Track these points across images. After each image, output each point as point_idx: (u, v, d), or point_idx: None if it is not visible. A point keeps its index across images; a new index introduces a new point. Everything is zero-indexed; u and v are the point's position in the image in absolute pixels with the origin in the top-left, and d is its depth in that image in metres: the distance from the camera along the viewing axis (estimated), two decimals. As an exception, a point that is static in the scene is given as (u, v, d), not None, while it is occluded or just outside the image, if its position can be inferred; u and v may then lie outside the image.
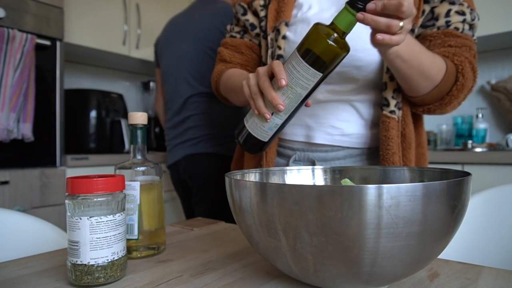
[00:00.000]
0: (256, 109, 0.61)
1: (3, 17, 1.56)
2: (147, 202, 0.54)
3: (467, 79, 0.72)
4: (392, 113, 0.75)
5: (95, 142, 2.10)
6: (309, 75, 0.55)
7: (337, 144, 0.80)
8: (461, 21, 0.74)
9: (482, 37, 1.89)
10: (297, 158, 0.84)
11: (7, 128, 1.53)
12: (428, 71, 0.68)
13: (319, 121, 0.80)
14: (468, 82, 0.73)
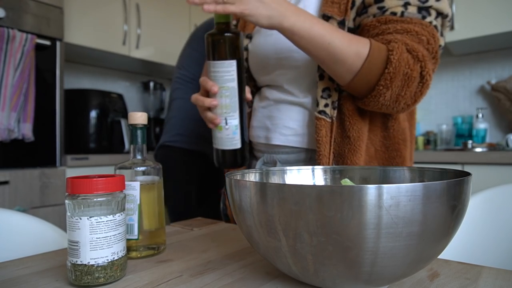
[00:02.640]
0: (209, 122, 0.69)
1: (3, 17, 1.56)
2: (147, 202, 0.54)
3: (398, 67, 0.63)
4: (321, 113, 0.72)
5: (95, 142, 2.10)
6: (227, 67, 0.63)
7: (291, 145, 0.80)
8: (400, 4, 0.66)
9: (482, 37, 1.89)
10: (265, 160, 0.86)
11: (8, 128, 1.53)
12: (340, 54, 0.63)
13: (275, 122, 0.82)
14: (400, 70, 0.63)
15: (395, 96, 0.65)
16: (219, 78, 0.63)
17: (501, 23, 1.81)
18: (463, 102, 2.29)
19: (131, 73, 2.81)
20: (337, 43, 0.63)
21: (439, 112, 2.37)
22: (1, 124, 1.51)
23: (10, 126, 1.54)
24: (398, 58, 0.63)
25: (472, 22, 1.88)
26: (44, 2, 1.71)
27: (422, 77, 0.65)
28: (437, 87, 2.37)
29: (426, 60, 0.64)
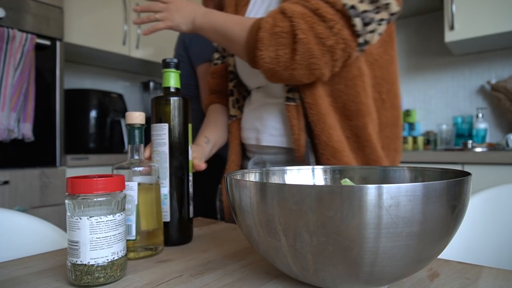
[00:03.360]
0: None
1: (3, 17, 1.56)
2: (144, 203, 0.54)
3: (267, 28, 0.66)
4: (288, 100, 0.76)
5: (95, 142, 2.10)
6: (158, 131, 0.61)
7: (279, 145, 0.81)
8: None
9: (482, 37, 1.89)
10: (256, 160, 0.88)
11: (8, 128, 1.53)
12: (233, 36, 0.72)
13: (264, 123, 0.83)
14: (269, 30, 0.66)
15: (276, 58, 0.66)
16: (153, 142, 0.61)
17: (501, 23, 1.81)
18: (463, 102, 2.29)
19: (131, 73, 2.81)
20: (231, 29, 0.72)
21: (439, 112, 2.37)
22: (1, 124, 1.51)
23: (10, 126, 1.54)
24: (267, 20, 0.67)
25: (472, 22, 1.88)
26: (44, 2, 1.71)
27: (293, 35, 0.65)
28: (437, 87, 2.37)
29: (295, 16, 0.64)
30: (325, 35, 0.64)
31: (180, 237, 0.60)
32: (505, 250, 0.77)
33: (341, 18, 0.65)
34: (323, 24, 0.64)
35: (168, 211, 0.60)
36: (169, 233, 0.60)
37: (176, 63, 0.63)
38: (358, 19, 0.65)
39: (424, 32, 2.42)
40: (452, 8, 1.90)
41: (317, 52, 0.65)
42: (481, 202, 0.82)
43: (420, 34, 2.44)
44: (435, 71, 2.37)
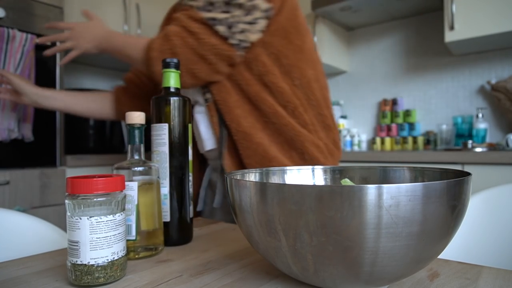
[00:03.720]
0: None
1: (3, 17, 1.56)
2: (144, 203, 0.54)
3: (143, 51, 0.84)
4: (206, 101, 0.89)
5: (95, 142, 2.10)
6: (158, 131, 0.61)
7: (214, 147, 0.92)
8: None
9: (482, 37, 1.89)
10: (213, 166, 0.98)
11: (8, 128, 1.53)
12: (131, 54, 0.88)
13: (198, 131, 0.94)
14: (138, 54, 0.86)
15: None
16: (153, 142, 0.61)
17: (501, 23, 1.81)
18: (463, 102, 2.29)
19: (131, 73, 2.81)
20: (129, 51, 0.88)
21: (439, 112, 2.37)
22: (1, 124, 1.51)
23: (10, 126, 1.54)
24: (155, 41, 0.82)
25: (472, 22, 1.88)
26: (44, 2, 1.71)
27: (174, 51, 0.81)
28: (437, 87, 2.37)
29: (172, 35, 0.80)
30: (195, 45, 0.79)
31: (180, 237, 0.60)
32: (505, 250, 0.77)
33: (206, 29, 0.79)
34: (192, 37, 0.80)
35: (168, 211, 0.60)
36: (169, 233, 0.60)
37: (176, 63, 0.63)
38: (220, 26, 0.79)
39: (424, 32, 2.42)
40: (452, 8, 1.90)
41: (193, 60, 0.80)
42: (481, 202, 0.82)
43: (420, 34, 2.44)
44: (435, 71, 2.37)
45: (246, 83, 0.86)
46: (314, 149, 0.86)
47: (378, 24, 2.60)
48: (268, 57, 0.86)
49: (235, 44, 0.81)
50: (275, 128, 0.85)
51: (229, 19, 0.79)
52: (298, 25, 0.89)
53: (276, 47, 0.86)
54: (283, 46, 0.86)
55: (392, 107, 2.50)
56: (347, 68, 2.72)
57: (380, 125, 2.50)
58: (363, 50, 2.67)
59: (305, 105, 0.88)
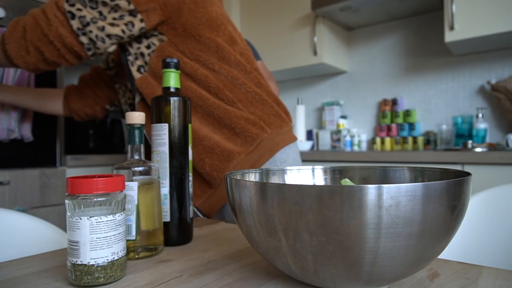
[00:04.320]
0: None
1: (3, 17, 1.56)
2: (144, 203, 0.54)
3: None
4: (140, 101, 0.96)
5: (95, 142, 2.10)
6: (159, 131, 0.61)
7: None
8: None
9: (482, 37, 1.89)
10: None
11: (8, 128, 1.53)
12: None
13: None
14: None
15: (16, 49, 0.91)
16: (153, 142, 0.62)
17: (501, 23, 1.81)
18: (463, 102, 2.29)
19: (131, 73, 2.81)
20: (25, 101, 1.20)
21: (439, 112, 2.37)
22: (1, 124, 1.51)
23: (10, 126, 1.54)
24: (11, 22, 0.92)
25: (472, 22, 1.88)
26: (44, 2, 1.71)
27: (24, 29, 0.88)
28: (437, 87, 2.37)
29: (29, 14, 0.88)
30: (45, 29, 0.85)
31: (180, 237, 0.60)
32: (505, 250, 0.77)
33: (62, 19, 0.84)
34: (45, 21, 0.85)
35: (168, 211, 0.60)
36: (169, 233, 0.60)
37: (176, 63, 0.63)
38: (75, 21, 0.84)
39: (424, 32, 2.42)
40: (452, 8, 1.90)
41: (41, 40, 0.86)
42: (481, 202, 0.82)
43: (420, 34, 2.44)
44: (435, 71, 2.37)
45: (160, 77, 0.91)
46: (243, 122, 0.91)
47: (378, 24, 2.60)
48: (181, 54, 0.92)
49: (85, 43, 0.88)
50: (202, 111, 0.90)
51: (87, 16, 0.84)
52: (209, 20, 0.94)
53: (186, 47, 0.92)
54: (193, 45, 0.92)
55: (392, 107, 2.50)
56: (347, 68, 2.72)
57: (380, 125, 2.50)
58: (363, 50, 2.67)
59: (229, 86, 0.93)
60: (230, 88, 0.93)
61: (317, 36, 2.43)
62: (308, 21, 2.48)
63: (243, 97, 0.94)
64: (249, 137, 0.91)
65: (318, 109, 2.86)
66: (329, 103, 2.73)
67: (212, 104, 0.90)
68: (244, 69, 0.97)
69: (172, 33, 0.92)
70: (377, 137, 2.48)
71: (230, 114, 0.90)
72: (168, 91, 0.63)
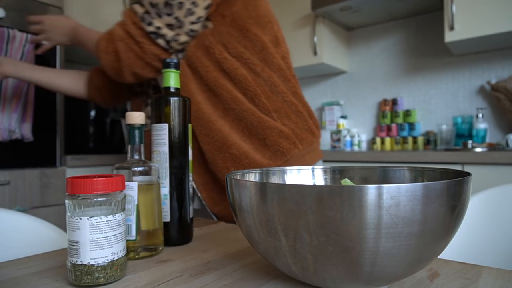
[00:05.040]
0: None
1: (3, 17, 1.56)
2: (144, 203, 0.54)
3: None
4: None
5: (95, 142, 2.10)
6: (159, 131, 0.61)
7: None
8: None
9: (482, 37, 1.89)
10: None
11: (8, 128, 1.53)
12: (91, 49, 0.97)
13: None
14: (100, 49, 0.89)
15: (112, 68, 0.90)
16: (153, 142, 0.61)
17: (501, 23, 1.81)
18: (463, 102, 2.29)
19: (131, 73, 2.81)
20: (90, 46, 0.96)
21: (439, 112, 2.37)
22: (2, 125, 1.51)
23: (11, 126, 1.54)
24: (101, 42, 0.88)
25: (472, 22, 1.88)
26: (44, 2, 1.71)
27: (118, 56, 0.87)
28: (437, 87, 2.37)
29: (116, 39, 0.85)
30: (139, 53, 0.85)
31: (180, 237, 0.60)
32: (505, 250, 0.77)
33: (148, 40, 0.84)
34: (136, 45, 0.84)
35: (168, 211, 0.60)
36: (169, 233, 0.60)
37: (176, 63, 0.63)
38: (160, 40, 0.84)
39: (424, 32, 2.42)
40: (452, 8, 1.90)
41: (137, 65, 0.86)
42: (481, 202, 0.82)
43: (420, 34, 2.44)
44: (435, 71, 2.37)
45: (204, 69, 0.86)
46: (276, 135, 0.85)
47: (378, 24, 2.60)
48: (223, 47, 0.87)
49: (175, 51, 0.87)
50: (235, 115, 0.85)
51: (168, 35, 0.83)
52: (258, 16, 0.89)
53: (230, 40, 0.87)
54: (238, 40, 0.87)
55: (392, 107, 2.50)
56: (347, 68, 2.72)
57: (380, 125, 2.50)
58: (363, 50, 2.67)
59: (267, 92, 0.88)
60: (267, 95, 0.88)
61: (317, 36, 2.43)
62: (308, 21, 2.48)
63: (279, 107, 0.88)
64: (279, 151, 0.86)
65: (318, 109, 2.86)
66: (329, 103, 2.73)
67: (247, 110, 0.85)
68: (284, 76, 0.92)
69: (219, 20, 0.86)
70: (377, 137, 2.48)
71: (264, 123, 0.85)
72: (168, 91, 0.63)
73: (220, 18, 0.86)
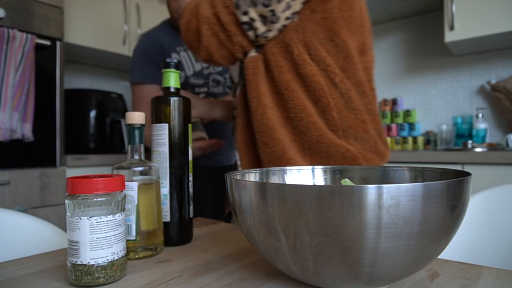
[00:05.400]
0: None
1: (3, 17, 1.56)
2: (144, 203, 0.54)
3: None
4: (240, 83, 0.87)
5: (95, 142, 2.10)
6: (158, 131, 0.60)
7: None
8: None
9: (482, 37, 1.89)
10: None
11: (10, 128, 1.53)
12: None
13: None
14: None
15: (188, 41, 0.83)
16: (153, 142, 0.61)
17: (501, 23, 1.81)
18: (463, 102, 2.29)
19: (131, 73, 2.81)
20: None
21: (439, 112, 2.37)
22: (3, 125, 1.51)
23: (12, 126, 1.54)
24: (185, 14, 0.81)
25: (472, 22, 1.88)
26: (44, 2, 1.71)
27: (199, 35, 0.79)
28: (437, 87, 2.37)
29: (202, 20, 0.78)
30: (225, 41, 0.77)
31: (180, 237, 0.60)
32: (505, 250, 0.77)
33: (238, 29, 0.76)
34: (224, 34, 0.76)
35: (168, 211, 0.60)
36: (169, 233, 0.60)
37: (176, 63, 0.63)
38: (251, 32, 0.76)
39: (424, 32, 2.42)
40: (452, 8, 1.90)
41: (218, 54, 0.79)
42: (481, 202, 0.82)
43: (420, 34, 2.44)
44: (435, 71, 2.37)
45: (278, 69, 0.77)
46: (340, 156, 0.75)
47: (378, 24, 2.60)
48: (304, 48, 0.77)
49: (258, 45, 0.79)
50: (298, 125, 0.76)
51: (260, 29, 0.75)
52: (350, 18, 0.78)
53: (314, 41, 0.77)
54: (323, 43, 0.77)
55: (392, 107, 2.50)
56: (347, 68, 2.72)
57: (380, 125, 2.50)
58: (363, 50, 2.67)
59: (341, 107, 0.77)
60: (340, 110, 0.77)
61: (317, 36, 2.43)
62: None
63: (349, 125, 0.77)
64: None
65: (318, 109, 2.86)
66: (329, 103, 2.73)
67: (314, 123, 0.75)
68: (362, 90, 0.81)
69: (306, 15, 0.76)
70: (377, 137, 2.48)
71: (329, 141, 0.75)
72: (168, 91, 0.63)
73: (309, 13, 0.75)
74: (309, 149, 0.76)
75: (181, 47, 1.35)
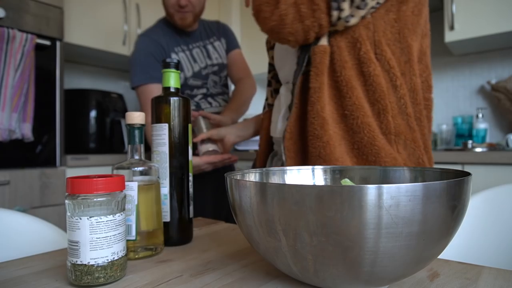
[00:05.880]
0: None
1: (3, 17, 1.56)
2: (144, 203, 0.54)
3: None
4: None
5: (95, 142, 2.10)
6: (158, 131, 0.61)
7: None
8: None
9: (482, 37, 1.89)
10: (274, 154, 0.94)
11: (9, 128, 1.53)
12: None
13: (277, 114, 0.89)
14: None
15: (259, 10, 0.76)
16: (153, 142, 0.61)
17: (501, 23, 1.81)
18: (463, 102, 2.28)
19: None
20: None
21: (439, 112, 2.37)
22: (2, 125, 1.51)
23: (11, 126, 1.54)
24: None
25: (472, 22, 1.88)
26: (44, 2, 1.71)
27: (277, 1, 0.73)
28: (437, 87, 2.37)
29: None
30: (306, 15, 0.71)
31: (180, 237, 0.60)
32: (505, 250, 0.77)
33: (326, 7, 0.70)
34: (309, 5, 0.71)
35: (168, 211, 0.60)
36: (169, 233, 0.60)
37: (176, 63, 0.63)
38: (336, 12, 0.71)
39: (424, 32, 2.42)
40: (452, 8, 1.90)
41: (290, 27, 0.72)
42: (481, 202, 0.82)
43: (420, 34, 2.44)
44: (435, 71, 2.37)
45: (341, 64, 0.75)
46: (389, 163, 0.73)
47: (378, 24, 2.60)
48: (372, 47, 0.75)
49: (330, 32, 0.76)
50: (352, 125, 0.74)
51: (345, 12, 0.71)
52: (417, 24, 0.77)
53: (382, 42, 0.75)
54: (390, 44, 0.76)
55: (392, 107, 2.50)
56: (347, 68, 2.72)
57: (380, 125, 2.50)
58: (363, 50, 2.67)
59: (395, 111, 0.76)
60: (394, 114, 0.75)
61: (317, 36, 2.43)
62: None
63: (401, 131, 0.76)
64: None
65: (318, 109, 2.86)
66: (329, 103, 2.73)
67: (368, 124, 0.73)
68: (414, 97, 0.79)
69: (380, 14, 0.75)
70: (377, 137, 2.48)
71: (379, 146, 0.73)
72: (168, 91, 0.63)
73: (383, 12, 0.74)
74: (358, 150, 0.75)
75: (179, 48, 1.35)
